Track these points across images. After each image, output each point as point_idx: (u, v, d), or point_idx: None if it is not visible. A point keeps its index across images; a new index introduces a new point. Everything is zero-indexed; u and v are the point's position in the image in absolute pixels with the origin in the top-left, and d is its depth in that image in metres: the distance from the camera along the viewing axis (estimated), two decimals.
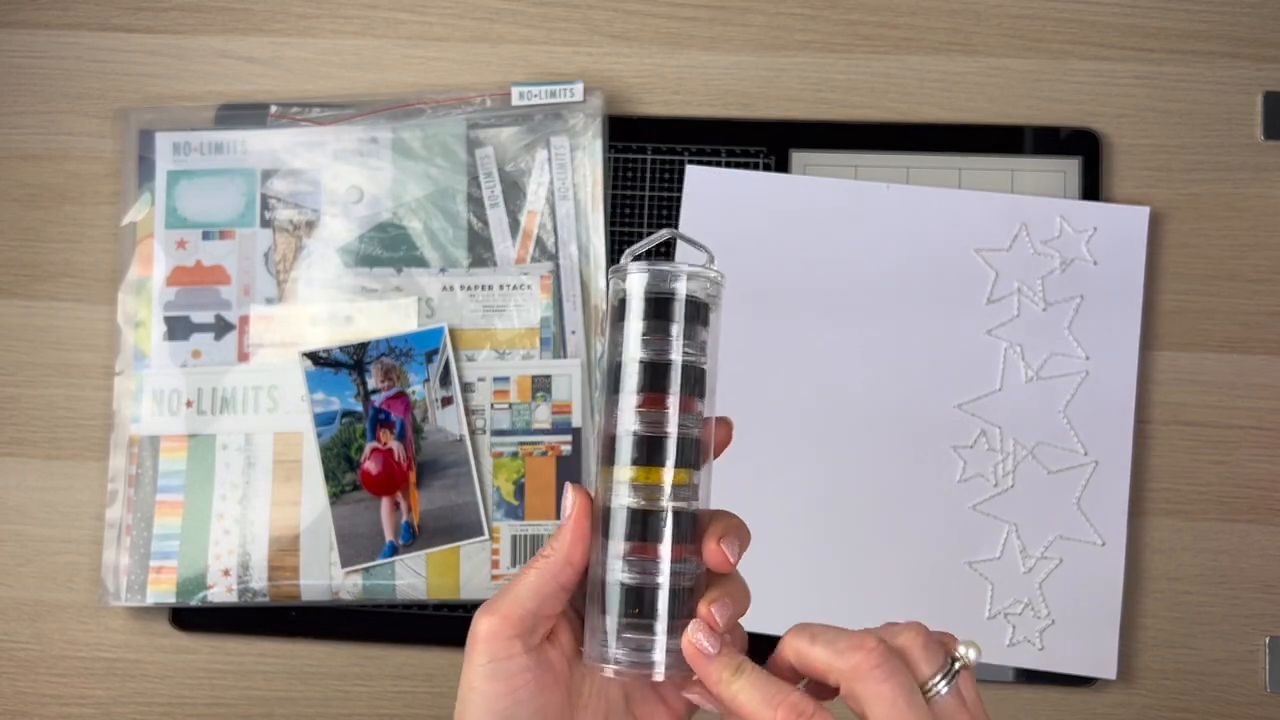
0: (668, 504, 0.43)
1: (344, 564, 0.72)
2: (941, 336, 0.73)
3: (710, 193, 0.75)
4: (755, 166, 0.76)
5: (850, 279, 0.74)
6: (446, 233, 0.75)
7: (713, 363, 0.45)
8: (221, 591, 0.73)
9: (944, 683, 0.42)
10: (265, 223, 0.76)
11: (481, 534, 0.72)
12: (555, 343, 0.74)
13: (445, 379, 0.73)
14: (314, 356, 0.74)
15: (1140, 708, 0.70)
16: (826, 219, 0.74)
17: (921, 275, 0.74)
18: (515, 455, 0.73)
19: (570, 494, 0.44)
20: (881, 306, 0.73)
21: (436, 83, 0.79)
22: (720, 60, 0.78)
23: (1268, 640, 0.71)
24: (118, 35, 0.81)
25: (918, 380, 0.73)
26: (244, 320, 0.75)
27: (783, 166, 0.76)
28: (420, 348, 0.74)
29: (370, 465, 0.73)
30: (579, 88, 0.75)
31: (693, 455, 0.44)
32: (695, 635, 0.43)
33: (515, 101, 0.76)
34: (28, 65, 0.81)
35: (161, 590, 0.73)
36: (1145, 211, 0.73)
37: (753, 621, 0.70)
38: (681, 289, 0.44)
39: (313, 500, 0.73)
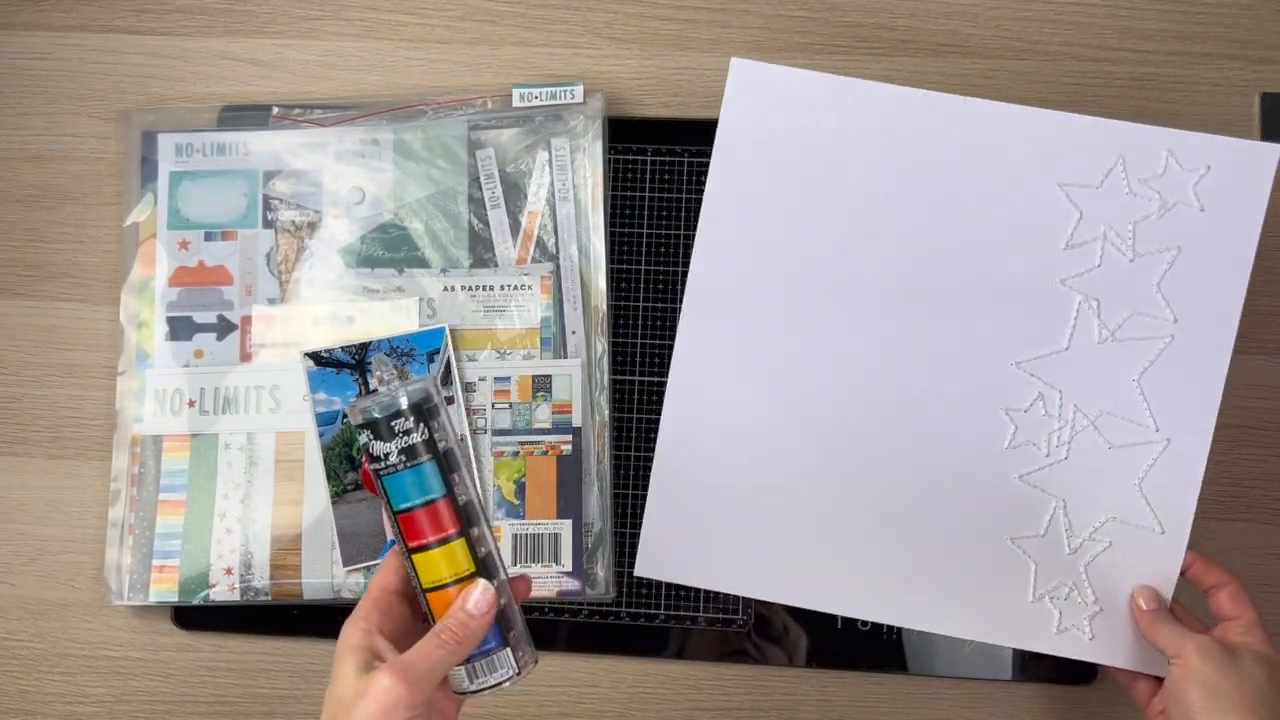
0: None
1: (345, 563, 0.72)
2: (1006, 282, 0.65)
3: (757, 95, 0.66)
4: None
5: (910, 207, 0.65)
6: (448, 233, 0.76)
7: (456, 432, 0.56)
8: (224, 590, 0.73)
9: None
10: (267, 223, 0.77)
11: None
12: (556, 343, 0.74)
13: (446, 379, 0.74)
14: (315, 356, 0.74)
15: (1138, 705, 0.71)
16: (889, 136, 0.65)
17: (992, 208, 0.65)
18: (516, 454, 0.73)
19: (489, 593, 0.52)
20: (941, 241, 0.65)
21: (438, 84, 0.79)
22: (720, 62, 0.78)
23: None
24: (120, 37, 0.81)
25: (973, 330, 0.65)
26: (246, 320, 0.76)
27: None
28: (422, 348, 0.74)
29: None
30: (579, 89, 0.76)
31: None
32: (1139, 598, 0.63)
33: (516, 103, 0.76)
34: (31, 67, 0.81)
35: (164, 589, 0.73)
36: (1277, 149, 0.63)
37: (785, 595, 0.66)
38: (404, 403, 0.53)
39: (314, 499, 0.73)
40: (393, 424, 0.52)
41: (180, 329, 0.76)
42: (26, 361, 0.78)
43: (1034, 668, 0.71)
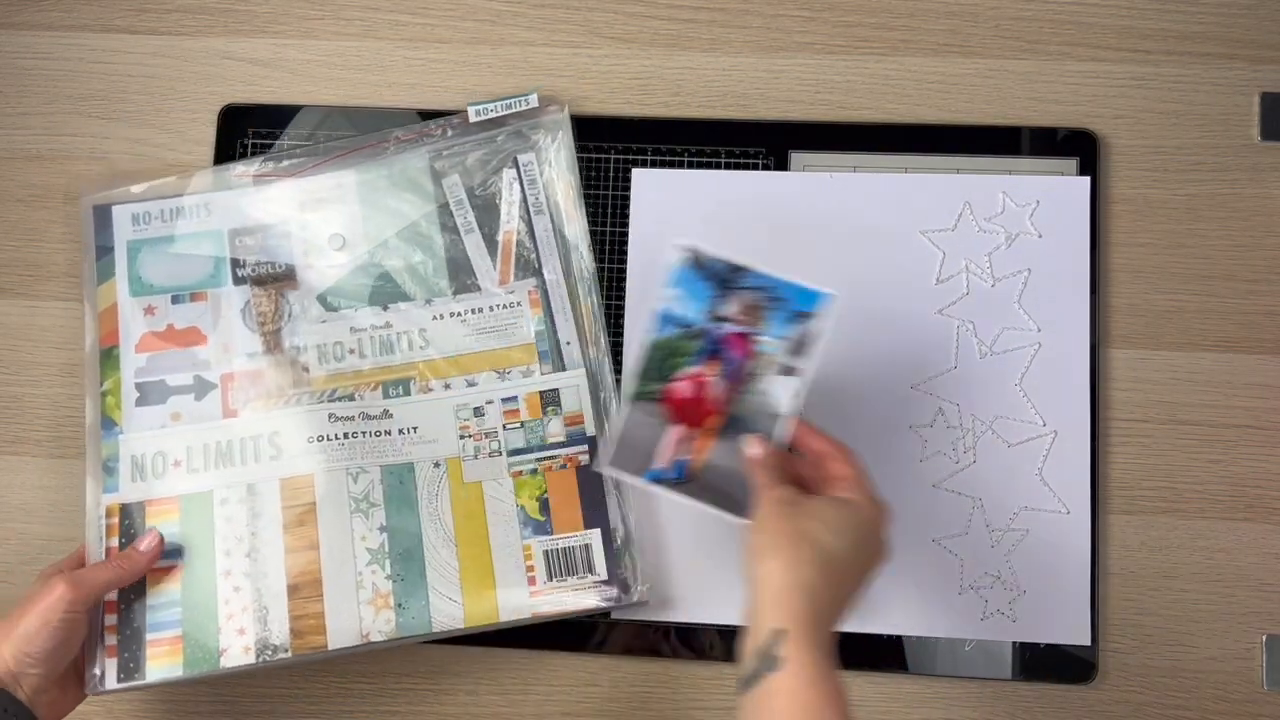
0: None
1: (612, 462, 0.65)
2: (894, 319, 0.74)
3: (659, 193, 0.76)
4: (755, 167, 0.76)
5: (800, 269, 0.71)
6: (426, 265, 0.75)
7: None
8: (238, 653, 0.69)
9: None
10: (238, 280, 0.75)
11: (742, 518, 0.64)
12: (552, 355, 0.74)
13: (801, 349, 0.64)
14: (696, 253, 0.65)
15: (1138, 705, 0.71)
16: (774, 213, 0.75)
17: (870, 261, 0.74)
18: (535, 472, 0.72)
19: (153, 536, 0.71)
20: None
21: (438, 85, 0.79)
22: (719, 62, 0.79)
23: (1265, 638, 0.71)
24: (120, 37, 0.81)
25: (873, 364, 0.73)
26: (227, 378, 0.74)
27: (782, 166, 0.76)
28: (796, 304, 0.65)
29: (682, 386, 0.65)
30: (533, 97, 0.76)
31: None
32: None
33: (473, 119, 0.76)
34: (31, 66, 0.81)
35: (164, 664, 0.69)
36: (1085, 182, 0.74)
37: (717, 614, 0.72)
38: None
39: (333, 540, 0.71)
40: None
41: (152, 394, 0.73)
42: (26, 361, 0.78)
43: (1034, 668, 0.71)
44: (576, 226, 0.75)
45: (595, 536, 0.71)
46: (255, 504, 0.71)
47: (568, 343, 0.74)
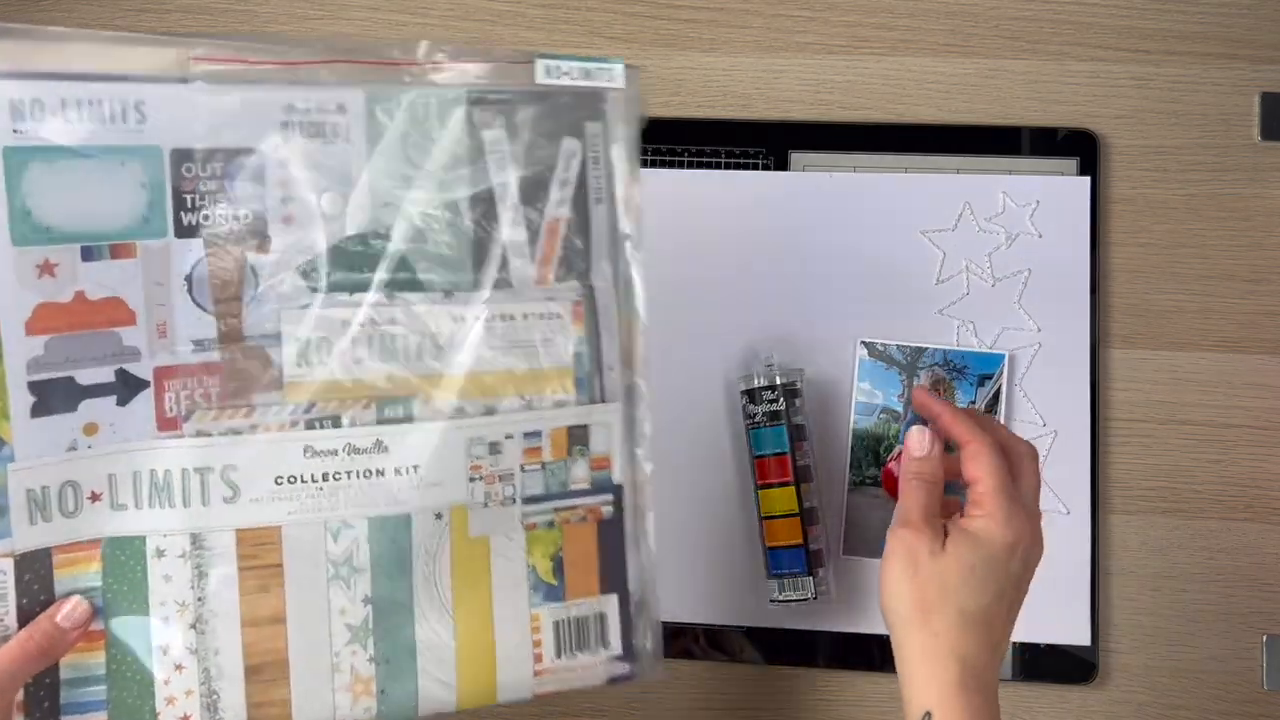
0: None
1: (845, 551, 0.71)
2: (895, 320, 0.74)
3: (659, 193, 0.75)
4: (755, 167, 0.76)
5: (801, 269, 0.75)
6: (447, 245, 0.56)
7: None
8: None
9: None
10: (184, 230, 0.52)
11: None
12: (590, 383, 0.58)
13: (992, 407, 0.72)
14: (870, 346, 0.73)
15: (1138, 705, 0.71)
16: (774, 213, 0.75)
17: (870, 261, 0.75)
18: (551, 525, 0.57)
19: (80, 608, 0.52)
20: (832, 294, 0.74)
21: None
22: (719, 62, 0.79)
23: (1265, 638, 0.71)
24: None
25: None
26: (163, 373, 0.52)
27: (782, 167, 0.76)
28: (977, 369, 0.73)
29: (894, 466, 0.71)
30: (619, 69, 0.57)
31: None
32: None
33: (539, 78, 0.56)
34: None
35: None
36: (1085, 181, 0.74)
37: (703, 615, 0.72)
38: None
39: (306, 611, 0.55)
40: (763, 394, 0.69)
41: (54, 397, 0.51)
42: None
43: (1034, 668, 0.71)
44: (633, 223, 0.59)
45: (612, 603, 0.59)
46: (202, 560, 0.53)
47: (611, 368, 0.58)
